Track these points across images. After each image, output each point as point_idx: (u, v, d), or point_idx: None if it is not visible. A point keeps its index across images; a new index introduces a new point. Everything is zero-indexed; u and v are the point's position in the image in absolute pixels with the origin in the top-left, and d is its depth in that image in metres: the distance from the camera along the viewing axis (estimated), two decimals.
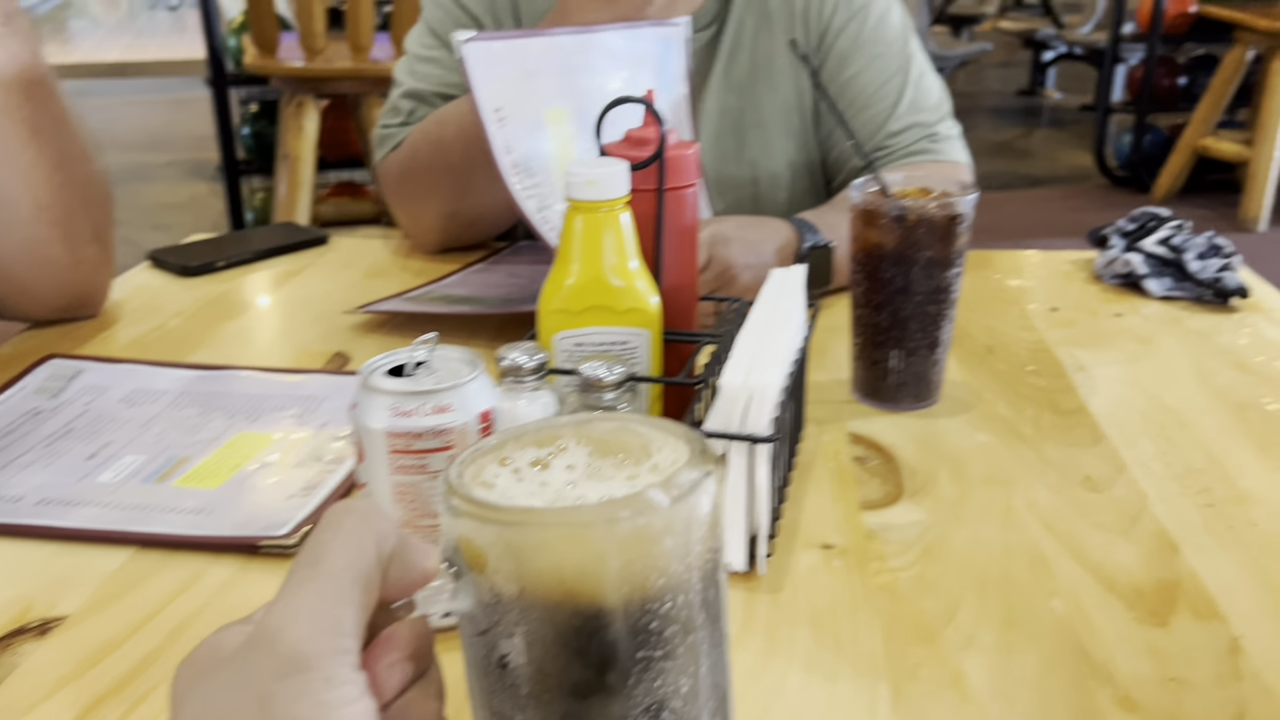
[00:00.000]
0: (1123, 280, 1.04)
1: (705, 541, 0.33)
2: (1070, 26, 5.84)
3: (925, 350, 0.78)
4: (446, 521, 0.33)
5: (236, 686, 0.30)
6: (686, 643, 0.33)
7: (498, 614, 0.32)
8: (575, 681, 0.32)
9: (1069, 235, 3.79)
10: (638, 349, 0.66)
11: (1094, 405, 0.80)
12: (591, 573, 0.31)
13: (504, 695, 0.33)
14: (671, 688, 0.33)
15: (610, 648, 0.32)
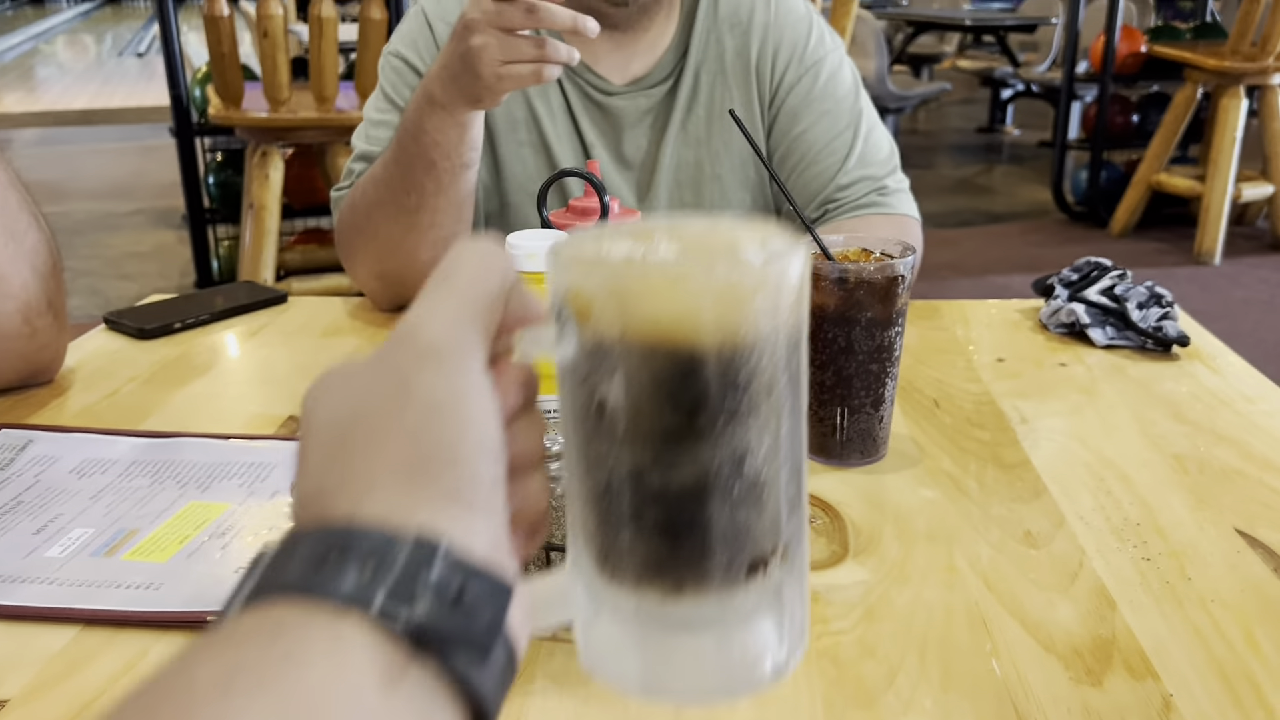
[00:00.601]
0: (1067, 329, 1.06)
1: (793, 310, 0.35)
2: (1027, 65, 5.96)
3: (870, 408, 0.79)
4: (554, 275, 0.35)
5: (377, 374, 0.32)
6: (770, 400, 0.35)
7: (599, 359, 0.34)
8: (667, 425, 0.34)
9: (1029, 270, 3.85)
10: None
11: (1036, 458, 0.81)
12: (688, 320, 0.33)
13: (601, 439, 0.35)
14: (755, 441, 0.35)
15: (701, 394, 0.34)
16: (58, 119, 6.63)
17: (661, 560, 0.35)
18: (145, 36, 10.71)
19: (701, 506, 0.34)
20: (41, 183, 5.28)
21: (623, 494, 0.35)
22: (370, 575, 0.27)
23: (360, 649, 0.26)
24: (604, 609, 0.36)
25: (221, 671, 0.25)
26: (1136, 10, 5.31)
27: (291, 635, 0.26)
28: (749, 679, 0.36)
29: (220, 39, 2.64)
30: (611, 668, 0.37)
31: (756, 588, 0.35)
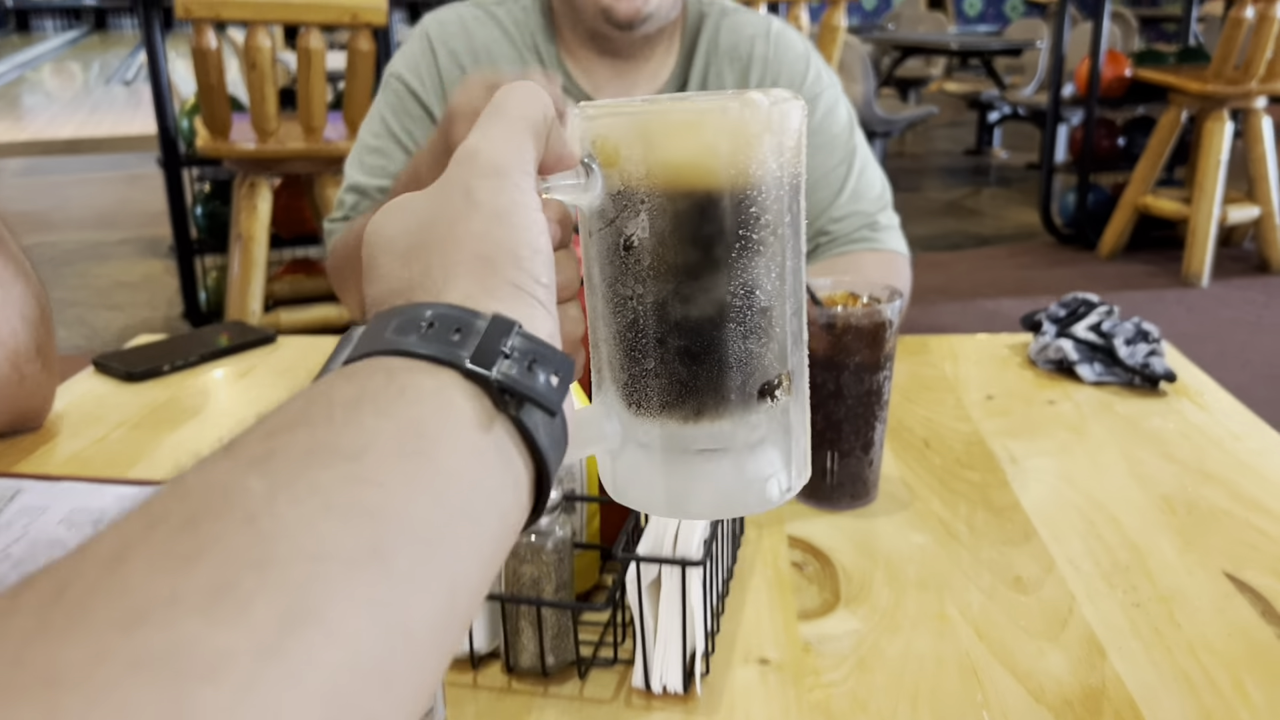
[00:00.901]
0: (1056, 366, 1.07)
1: (794, 155, 0.40)
2: (1013, 88, 6.01)
3: (859, 451, 0.79)
4: (581, 127, 0.39)
5: (443, 189, 0.36)
6: (776, 238, 0.39)
7: (625, 201, 0.39)
8: (688, 259, 0.38)
9: (1019, 294, 3.86)
10: (574, 466, 0.67)
11: (1026, 500, 0.82)
12: (706, 158, 0.38)
13: (627, 277, 0.39)
14: (763, 275, 0.39)
15: (718, 229, 0.38)
16: (44, 148, 6.63)
17: (683, 387, 0.39)
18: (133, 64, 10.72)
19: (719, 333, 0.39)
20: (29, 213, 5.27)
21: (648, 326, 0.39)
22: (458, 341, 0.32)
23: (459, 395, 0.31)
24: (630, 441, 0.41)
25: (353, 395, 0.29)
26: (1120, 33, 5.36)
27: (403, 378, 0.30)
28: (760, 498, 0.41)
29: (208, 71, 2.65)
30: (638, 493, 0.41)
31: (766, 412, 0.40)
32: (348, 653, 0.24)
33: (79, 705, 0.19)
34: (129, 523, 0.24)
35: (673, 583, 0.58)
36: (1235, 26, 3.56)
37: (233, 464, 0.26)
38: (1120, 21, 5.66)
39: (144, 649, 0.21)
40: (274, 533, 0.24)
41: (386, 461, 0.27)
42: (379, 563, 0.25)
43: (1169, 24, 7.82)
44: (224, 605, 0.22)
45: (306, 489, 0.25)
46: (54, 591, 0.22)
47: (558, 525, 0.60)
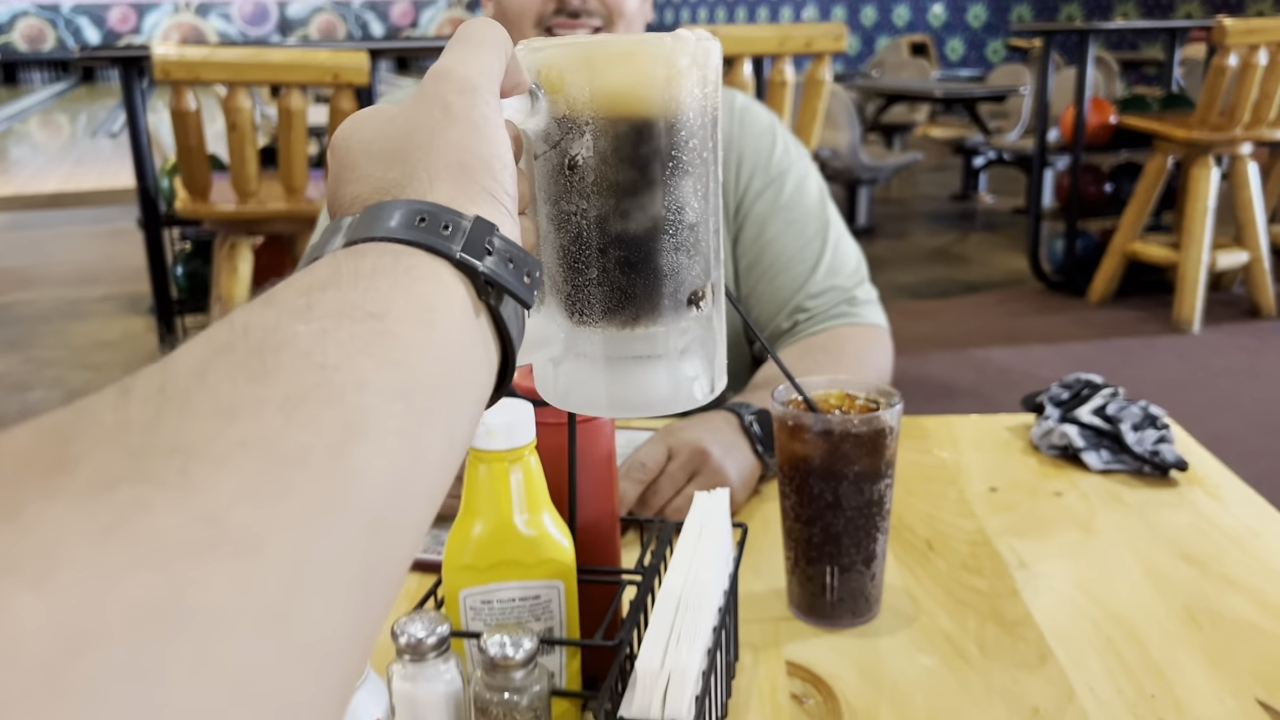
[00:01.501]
0: (1060, 452, 1.02)
1: (714, 87, 0.45)
2: (998, 133, 6.02)
3: (861, 566, 0.74)
4: (528, 59, 0.43)
5: (421, 101, 0.39)
6: (700, 163, 0.44)
7: (569, 125, 0.43)
8: (626, 178, 0.43)
9: (1009, 342, 3.83)
10: (551, 602, 0.62)
11: (1038, 613, 0.76)
12: (643, 85, 0.42)
13: (571, 195, 0.43)
14: (690, 195, 0.44)
15: (652, 150, 0.43)
16: (27, 203, 6.58)
17: (623, 294, 0.44)
18: (119, 116, 10.72)
19: (654, 245, 0.44)
20: (9, 269, 5.21)
21: (591, 239, 0.44)
22: (448, 235, 0.35)
23: (450, 280, 0.35)
24: (571, 351, 0.45)
25: (369, 267, 0.33)
26: (1102, 77, 5.38)
27: (406, 260, 0.34)
28: (689, 397, 0.46)
29: (187, 133, 2.61)
30: (579, 396, 0.46)
31: (694, 319, 0.45)
32: (388, 464, 0.28)
33: (204, 468, 0.23)
34: (196, 347, 0.27)
35: None
36: (1219, 74, 3.57)
37: (278, 312, 0.29)
38: (1102, 66, 5.69)
39: (245, 435, 0.25)
40: (325, 364, 0.28)
41: (403, 323, 0.31)
42: (404, 400, 0.29)
43: (1150, 67, 7.89)
44: (300, 412, 0.26)
45: (346, 336, 0.29)
46: (158, 392, 0.25)
47: (534, 680, 0.55)
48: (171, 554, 0.21)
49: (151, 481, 0.22)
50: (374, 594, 0.27)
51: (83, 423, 0.24)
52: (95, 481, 0.22)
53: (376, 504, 0.27)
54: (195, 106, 2.61)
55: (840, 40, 2.91)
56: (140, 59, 2.92)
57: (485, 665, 0.54)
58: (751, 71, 2.75)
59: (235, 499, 0.23)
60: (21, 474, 0.22)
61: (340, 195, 0.39)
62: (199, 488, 0.23)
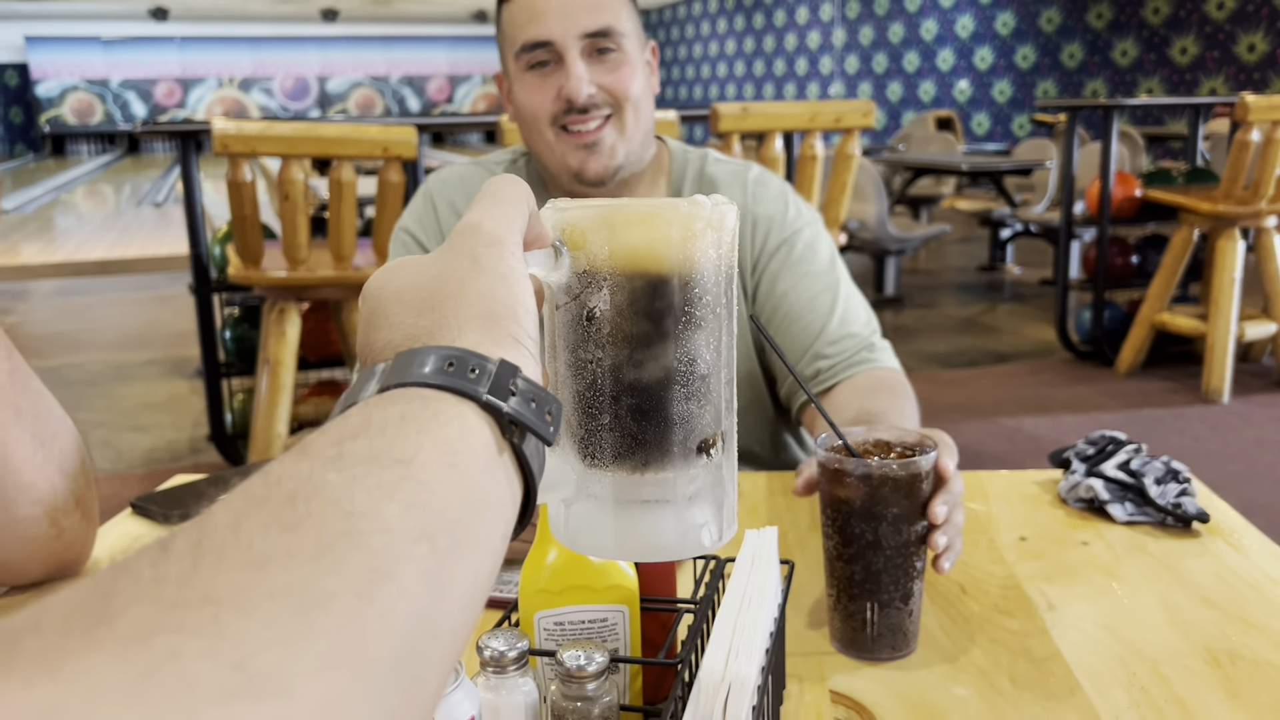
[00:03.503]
0: (1087, 505, 1.07)
1: (730, 247, 0.48)
2: (1024, 205, 6.11)
3: (899, 602, 0.80)
4: (553, 218, 0.47)
5: (451, 253, 0.43)
6: (714, 317, 0.47)
7: (589, 279, 0.46)
8: (640, 330, 0.46)
9: (1039, 411, 3.86)
10: (617, 625, 0.67)
11: (1066, 649, 0.81)
12: (659, 246, 0.46)
13: (588, 343, 0.46)
14: (703, 347, 0.47)
15: (666, 305, 0.46)
16: (76, 269, 6.78)
17: (634, 440, 0.46)
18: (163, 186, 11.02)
19: (665, 394, 0.46)
20: (59, 334, 5.37)
21: (605, 386, 0.46)
22: (474, 378, 0.38)
23: (478, 423, 0.37)
24: (582, 493, 0.47)
25: (398, 415, 0.35)
26: (1128, 152, 5.46)
27: (435, 405, 0.36)
28: (696, 544, 0.48)
29: (242, 203, 2.73)
30: (588, 538, 0.48)
31: (703, 466, 0.47)
32: (412, 606, 0.30)
33: (235, 618, 0.25)
34: (233, 501, 0.30)
35: None
36: (1242, 149, 3.64)
37: (311, 462, 0.32)
38: (1127, 140, 5.78)
39: (274, 585, 0.27)
40: (355, 512, 0.30)
41: (429, 468, 0.34)
42: (428, 543, 0.31)
43: (1175, 141, 7.98)
44: (328, 559, 0.28)
45: (375, 483, 0.32)
46: (194, 545, 0.27)
47: (605, 691, 0.60)
48: (202, 699, 0.23)
49: (185, 631, 0.24)
50: None
51: (124, 579, 0.25)
52: (132, 634, 0.24)
53: (401, 643, 0.29)
54: (250, 178, 2.73)
55: (869, 116, 3.01)
56: (198, 133, 3.06)
57: (562, 676, 0.60)
58: (782, 146, 2.85)
59: (264, 645, 0.25)
60: (66, 628, 0.23)
61: (373, 340, 0.41)
62: (229, 635, 0.24)
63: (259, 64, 16.23)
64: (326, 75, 16.45)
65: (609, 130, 1.24)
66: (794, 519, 1.07)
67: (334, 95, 16.47)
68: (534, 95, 1.24)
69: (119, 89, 15.80)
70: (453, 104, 16.85)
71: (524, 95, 1.25)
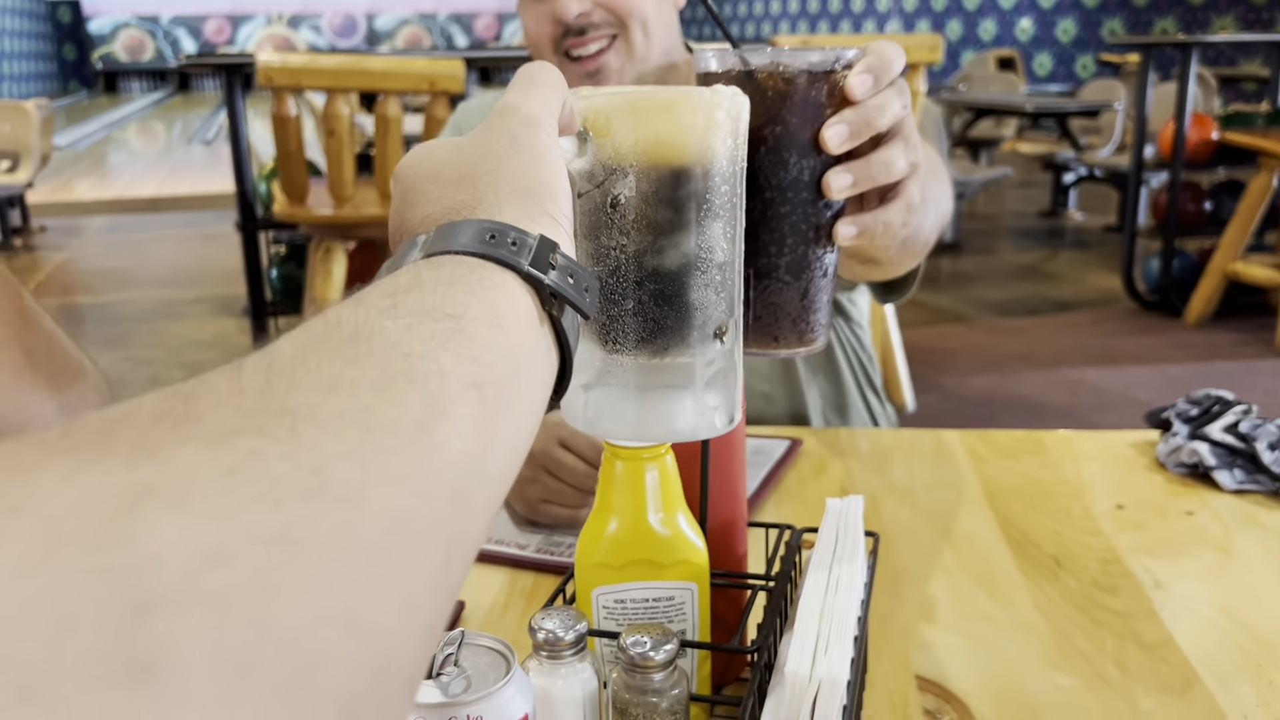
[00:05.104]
0: (1189, 470, 0.98)
1: (742, 139, 0.48)
2: (1090, 149, 5.89)
3: (786, 274, 0.60)
4: (578, 106, 0.47)
5: (490, 132, 0.43)
6: (729, 207, 0.48)
7: (613, 167, 0.46)
8: (663, 218, 0.47)
9: (1103, 363, 3.72)
10: (685, 604, 0.60)
11: (1179, 635, 0.73)
12: (681, 134, 0.46)
13: (611, 230, 0.47)
14: (719, 237, 0.48)
15: (688, 192, 0.47)
16: (127, 206, 6.79)
17: (655, 325, 0.47)
18: (213, 124, 11.02)
19: (685, 281, 0.47)
20: (110, 270, 5.38)
21: (628, 273, 0.47)
22: (515, 250, 0.38)
23: (520, 293, 0.37)
24: (604, 377, 0.48)
25: (446, 276, 0.36)
26: (1201, 94, 5.23)
27: (479, 271, 0.37)
28: (710, 426, 0.49)
29: (287, 138, 2.66)
30: (609, 422, 0.49)
31: (719, 351, 0.49)
32: (465, 445, 0.31)
33: (310, 430, 0.26)
34: (297, 336, 0.30)
35: None
36: None
37: (367, 310, 0.32)
38: (1200, 81, 5.53)
39: (343, 406, 0.28)
40: (412, 354, 0.31)
41: (478, 325, 0.34)
42: (478, 390, 0.32)
43: (1248, 83, 7.65)
44: (390, 391, 0.29)
45: (429, 332, 0.32)
46: (266, 367, 0.28)
47: (673, 682, 0.54)
48: (285, 494, 0.24)
49: (266, 436, 0.25)
50: (454, 557, 0.29)
51: (203, 389, 0.27)
52: (218, 432, 0.25)
53: (456, 477, 0.30)
54: (296, 113, 2.66)
55: (936, 51, 2.87)
56: (243, 66, 2.99)
57: (625, 665, 0.53)
58: None
59: (337, 456, 0.26)
60: (156, 424, 0.25)
61: (409, 217, 0.42)
62: (306, 444, 0.26)
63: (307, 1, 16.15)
64: (374, 12, 16.33)
65: (614, 54, 1.12)
66: (865, 481, 0.99)
67: (382, 32, 16.35)
68: (530, 19, 1.14)
69: (169, 25, 15.79)
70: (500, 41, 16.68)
71: (525, 20, 1.16)
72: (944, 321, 4.23)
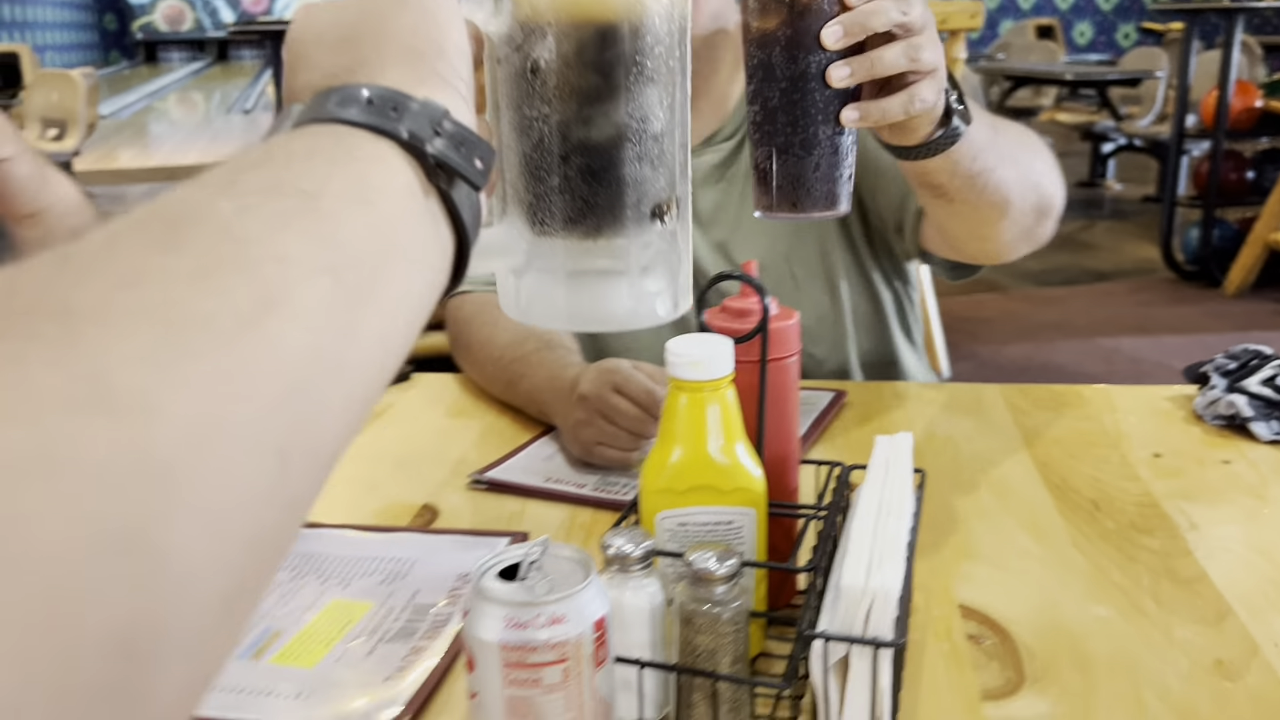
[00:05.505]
0: (1226, 422, 1.00)
1: (681, 6, 0.44)
2: (1129, 119, 5.83)
3: (799, 150, 0.70)
4: None
5: None
6: (665, 74, 0.44)
7: (532, 27, 0.42)
8: (589, 84, 0.43)
9: (1139, 332, 3.71)
10: (743, 528, 0.64)
11: (1214, 572, 0.76)
12: None
13: (533, 99, 0.43)
14: (655, 106, 0.44)
15: (615, 57, 0.42)
16: (169, 174, 6.87)
17: (585, 204, 0.44)
18: (251, 94, 11.08)
19: (617, 154, 0.43)
20: None
21: (553, 145, 0.43)
22: (395, 116, 0.35)
23: (396, 162, 0.34)
24: (534, 265, 0.45)
25: (306, 148, 0.33)
26: (1245, 61, 5.15)
27: (349, 140, 0.34)
28: (650, 314, 0.46)
29: None
30: (540, 309, 0.46)
31: (657, 233, 0.45)
32: (310, 338, 0.28)
33: (93, 331, 0.23)
34: (115, 223, 0.27)
35: (863, 664, 0.54)
36: None
37: (201, 189, 0.29)
38: (1245, 50, 5.45)
39: (144, 301, 0.24)
40: (245, 238, 0.28)
41: (338, 202, 0.31)
42: (332, 277, 0.29)
43: None
44: (208, 282, 0.26)
45: (270, 213, 0.29)
46: (60, 260, 0.25)
47: (735, 595, 0.57)
48: (45, 407, 0.21)
49: (34, 339, 0.22)
50: (294, 463, 0.27)
51: None
52: None
53: (295, 374, 0.27)
54: None
55: (976, 18, 2.86)
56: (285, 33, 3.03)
57: (690, 579, 0.57)
58: None
59: (124, 361, 0.23)
60: None
61: (293, 86, 0.39)
62: (83, 347, 0.23)
63: None
64: None
65: None
66: (908, 430, 1.02)
67: None
68: None
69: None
70: None
71: None
72: (980, 290, 4.22)
